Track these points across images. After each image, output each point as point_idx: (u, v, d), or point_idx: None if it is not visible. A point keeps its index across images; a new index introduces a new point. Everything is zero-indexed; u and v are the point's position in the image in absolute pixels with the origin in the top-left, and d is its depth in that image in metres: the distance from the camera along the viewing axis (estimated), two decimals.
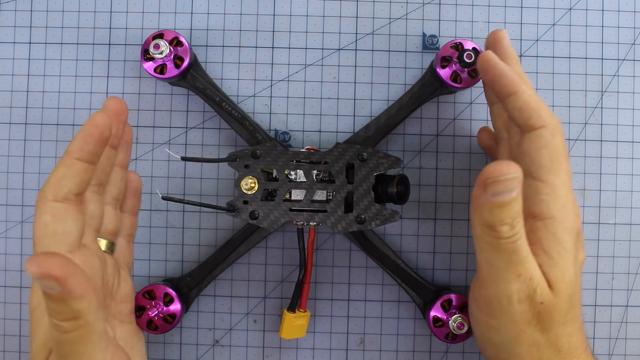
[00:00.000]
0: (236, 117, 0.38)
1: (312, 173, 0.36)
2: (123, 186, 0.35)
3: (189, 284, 0.38)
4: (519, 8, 0.41)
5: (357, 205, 0.36)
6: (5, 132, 0.41)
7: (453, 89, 0.38)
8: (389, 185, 0.35)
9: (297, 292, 0.37)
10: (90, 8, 0.41)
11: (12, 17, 0.41)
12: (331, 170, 0.36)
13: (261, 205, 0.36)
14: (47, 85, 0.41)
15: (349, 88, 0.41)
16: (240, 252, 0.39)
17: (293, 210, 0.36)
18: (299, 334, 0.38)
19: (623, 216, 0.41)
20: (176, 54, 0.38)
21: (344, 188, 0.36)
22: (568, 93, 0.41)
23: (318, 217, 0.36)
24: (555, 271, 0.30)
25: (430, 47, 0.41)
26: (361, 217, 0.36)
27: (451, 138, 0.41)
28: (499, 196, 0.27)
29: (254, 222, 0.36)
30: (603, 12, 0.41)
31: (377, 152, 0.36)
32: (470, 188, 0.41)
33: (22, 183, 0.41)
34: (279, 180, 0.36)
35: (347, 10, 0.41)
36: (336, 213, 0.36)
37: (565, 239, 0.31)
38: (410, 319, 0.40)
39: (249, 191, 0.36)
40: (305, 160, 0.36)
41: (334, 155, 0.36)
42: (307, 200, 0.36)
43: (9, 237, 0.41)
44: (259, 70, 0.41)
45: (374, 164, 0.36)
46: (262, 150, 0.36)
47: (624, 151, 0.41)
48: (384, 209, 0.36)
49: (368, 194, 0.36)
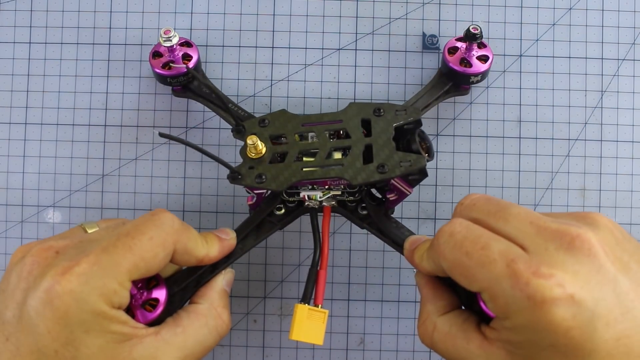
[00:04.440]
0: (243, 116, 0.37)
1: (324, 133, 0.33)
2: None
3: (185, 277, 0.33)
4: (519, 8, 0.41)
5: (377, 156, 0.32)
6: (5, 132, 0.41)
7: (465, 79, 0.37)
8: (411, 140, 0.32)
9: (311, 279, 0.32)
10: (90, 8, 0.41)
11: (12, 17, 0.41)
12: (346, 127, 0.33)
13: (269, 168, 0.32)
14: (47, 85, 0.41)
15: (349, 88, 0.41)
16: (248, 246, 0.34)
17: (306, 171, 0.32)
18: (315, 339, 0.32)
19: (623, 216, 0.41)
20: (185, 53, 0.38)
21: (362, 142, 0.32)
22: (568, 93, 0.41)
23: (334, 172, 0.32)
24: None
25: (430, 47, 0.41)
26: (383, 165, 0.32)
27: (451, 138, 0.41)
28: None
29: (261, 185, 0.32)
30: (603, 11, 0.41)
31: (393, 106, 0.33)
32: (471, 188, 0.41)
33: (22, 183, 0.41)
34: (288, 143, 0.33)
35: (347, 10, 0.41)
36: (354, 165, 0.32)
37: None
38: (410, 319, 0.40)
39: (255, 155, 0.32)
40: (317, 121, 0.33)
41: (348, 114, 0.33)
42: (320, 159, 0.32)
43: (9, 237, 0.41)
44: (259, 70, 0.41)
45: (392, 115, 0.33)
46: (270, 118, 0.33)
47: (624, 151, 0.41)
48: (408, 155, 0.32)
49: (388, 143, 0.32)
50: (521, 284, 0.24)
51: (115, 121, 0.41)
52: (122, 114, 0.41)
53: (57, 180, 0.41)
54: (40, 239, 0.40)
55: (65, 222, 0.40)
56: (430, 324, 0.30)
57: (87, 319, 0.26)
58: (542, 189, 0.40)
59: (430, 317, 0.30)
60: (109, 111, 0.41)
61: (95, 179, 0.41)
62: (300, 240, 0.40)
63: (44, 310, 0.25)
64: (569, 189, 0.40)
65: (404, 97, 0.41)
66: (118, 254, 0.27)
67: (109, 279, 0.26)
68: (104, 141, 0.41)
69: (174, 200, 0.41)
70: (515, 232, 0.25)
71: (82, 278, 0.26)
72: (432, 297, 0.30)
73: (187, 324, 0.30)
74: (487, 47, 0.38)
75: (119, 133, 0.41)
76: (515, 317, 0.24)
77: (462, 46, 0.37)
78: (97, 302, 0.26)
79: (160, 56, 0.38)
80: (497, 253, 0.25)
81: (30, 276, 0.27)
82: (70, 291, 0.25)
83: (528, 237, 0.25)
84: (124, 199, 0.41)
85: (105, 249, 0.27)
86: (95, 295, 0.26)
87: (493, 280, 0.25)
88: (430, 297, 0.30)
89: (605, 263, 0.24)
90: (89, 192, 0.41)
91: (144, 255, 0.27)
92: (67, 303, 0.25)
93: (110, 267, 0.26)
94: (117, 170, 0.41)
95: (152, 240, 0.28)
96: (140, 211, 0.40)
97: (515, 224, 0.26)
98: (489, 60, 0.37)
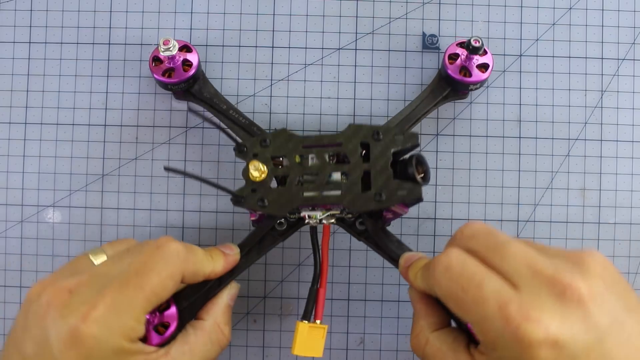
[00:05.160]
0: (243, 124, 0.37)
1: (324, 156, 0.34)
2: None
3: (190, 294, 0.34)
4: (519, 7, 0.41)
5: (375, 183, 0.33)
6: (5, 132, 0.41)
7: (463, 85, 0.37)
8: (408, 166, 0.33)
9: (311, 298, 0.34)
10: (90, 8, 0.41)
11: (11, 17, 0.41)
12: (345, 151, 0.34)
13: (271, 192, 0.33)
14: (47, 85, 0.41)
15: (349, 88, 0.41)
16: (252, 260, 0.36)
17: (306, 196, 0.33)
18: (315, 352, 0.33)
19: (623, 216, 0.41)
20: (185, 59, 0.37)
21: (360, 167, 0.33)
22: (568, 92, 0.41)
23: (334, 199, 0.33)
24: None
25: (430, 46, 0.41)
26: (380, 194, 0.33)
27: (451, 138, 0.41)
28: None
29: (262, 209, 0.33)
30: (603, 11, 0.41)
31: (391, 129, 0.34)
32: (471, 188, 0.41)
33: (22, 183, 0.41)
34: (289, 165, 0.34)
35: (347, 10, 0.41)
36: (352, 192, 0.33)
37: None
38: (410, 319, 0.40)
39: (257, 179, 0.33)
40: (316, 144, 0.34)
41: (347, 135, 0.34)
42: (320, 183, 0.33)
43: (9, 237, 0.41)
44: (259, 69, 0.41)
45: (390, 140, 0.33)
46: (271, 138, 0.34)
47: (624, 151, 0.41)
48: (404, 184, 0.33)
49: (386, 170, 0.33)
50: (512, 327, 0.25)
51: (115, 121, 0.41)
52: (122, 113, 0.41)
53: (57, 180, 0.41)
54: (40, 239, 0.40)
55: (65, 221, 0.40)
56: (423, 338, 0.31)
57: (108, 355, 0.28)
58: (542, 189, 0.40)
59: (422, 331, 0.31)
60: (108, 111, 0.41)
61: (95, 178, 0.41)
62: (300, 240, 0.40)
63: (68, 352, 0.27)
64: (569, 189, 0.40)
65: (404, 97, 0.41)
66: (131, 294, 0.29)
67: (127, 318, 0.28)
68: (103, 141, 0.41)
69: (174, 199, 0.41)
70: (511, 272, 0.27)
71: (102, 322, 0.27)
72: (425, 314, 0.32)
73: (194, 341, 0.32)
74: (487, 54, 0.37)
75: (119, 133, 0.41)
76: (503, 351, 0.26)
77: (463, 53, 0.37)
78: (118, 341, 0.28)
79: (160, 62, 0.38)
80: (491, 292, 0.26)
81: (48, 316, 0.28)
82: (92, 336, 0.27)
83: (522, 279, 0.26)
84: (123, 199, 0.41)
85: (118, 290, 0.28)
86: (115, 336, 0.28)
87: (485, 318, 0.26)
88: (422, 313, 0.32)
89: (592, 311, 0.25)
90: (89, 192, 0.41)
91: (154, 290, 0.29)
92: (90, 345, 0.27)
93: (126, 307, 0.28)
94: (117, 170, 0.41)
95: (161, 275, 0.30)
96: (140, 211, 0.40)
97: (512, 263, 0.27)
98: (489, 69, 0.37)
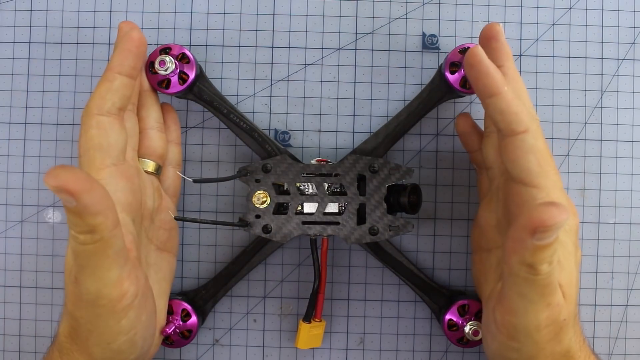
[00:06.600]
0: (244, 128, 0.38)
1: (323, 185, 0.36)
2: (160, 110, 0.37)
3: (205, 297, 0.38)
4: (519, 7, 0.41)
5: (369, 217, 0.36)
6: (5, 132, 0.41)
7: (462, 94, 0.37)
8: (401, 195, 0.36)
9: (312, 302, 0.37)
10: (90, 8, 0.41)
11: (11, 17, 0.41)
12: (342, 182, 0.36)
13: (273, 219, 0.36)
14: (47, 85, 0.41)
15: (349, 88, 0.41)
16: (253, 264, 0.39)
17: (305, 224, 0.36)
18: (315, 344, 0.38)
19: (623, 216, 0.41)
20: (182, 70, 0.37)
21: (356, 200, 0.36)
22: (568, 92, 0.41)
23: (331, 229, 0.36)
24: (564, 276, 0.30)
25: (430, 46, 0.41)
26: (374, 228, 0.36)
27: (451, 137, 0.41)
28: (545, 240, 0.26)
29: (267, 236, 0.36)
30: (603, 11, 0.41)
31: (388, 163, 0.36)
32: (471, 188, 0.41)
33: (22, 183, 0.41)
34: (290, 193, 0.36)
35: (347, 10, 0.41)
36: (349, 225, 0.36)
37: (566, 240, 0.31)
38: (410, 319, 0.40)
39: (261, 205, 0.36)
40: (316, 172, 0.36)
41: (345, 166, 0.36)
42: (319, 213, 0.36)
43: (9, 237, 0.41)
44: (259, 69, 0.41)
45: (386, 174, 0.36)
46: (273, 164, 0.36)
47: (624, 151, 0.41)
48: (397, 220, 0.36)
49: (380, 205, 0.36)
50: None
51: None
52: None
53: None
54: (40, 239, 0.40)
55: (65, 221, 0.40)
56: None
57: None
58: None
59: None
60: None
61: None
62: (300, 240, 0.41)
63: None
64: (569, 189, 0.40)
65: (404, 97, 0.41)
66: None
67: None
68: None
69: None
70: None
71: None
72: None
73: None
74: None
75: None
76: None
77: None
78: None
79: (156, 72, 0.36)
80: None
81: None
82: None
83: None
84: None
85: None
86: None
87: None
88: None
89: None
90: None
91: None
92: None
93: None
94: None
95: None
96: None
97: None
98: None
